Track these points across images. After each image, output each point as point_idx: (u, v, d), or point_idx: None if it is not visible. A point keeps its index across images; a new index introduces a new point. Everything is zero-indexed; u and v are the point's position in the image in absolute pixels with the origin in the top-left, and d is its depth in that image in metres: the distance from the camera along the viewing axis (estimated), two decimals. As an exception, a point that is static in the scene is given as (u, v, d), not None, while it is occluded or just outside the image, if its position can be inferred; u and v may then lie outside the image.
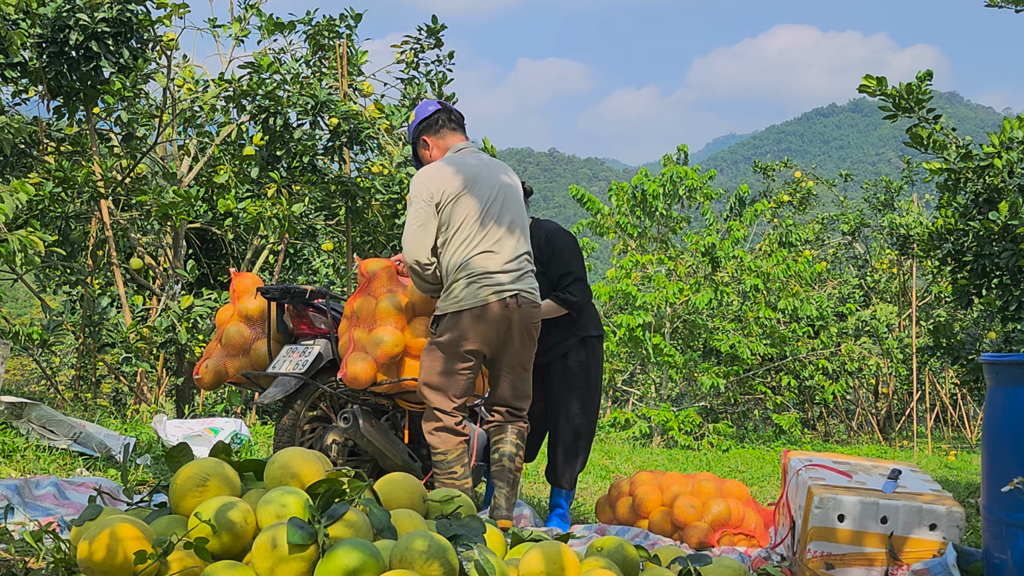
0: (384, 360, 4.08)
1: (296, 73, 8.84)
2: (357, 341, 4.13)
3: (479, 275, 3.86)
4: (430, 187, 3.94)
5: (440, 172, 3.99)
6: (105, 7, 7.47)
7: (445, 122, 4.20)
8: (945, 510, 3.50)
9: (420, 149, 4.24)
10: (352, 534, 2.44)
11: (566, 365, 4.68)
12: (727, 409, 15.06)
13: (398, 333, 4.12)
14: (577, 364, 4.69)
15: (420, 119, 4.21)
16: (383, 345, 4.07)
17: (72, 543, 2.64)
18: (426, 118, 4.19)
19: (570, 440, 4.73)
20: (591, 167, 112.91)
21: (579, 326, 4.70)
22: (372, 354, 4.08)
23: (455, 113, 4.25)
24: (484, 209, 3.93)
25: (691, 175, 12.96)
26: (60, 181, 7.71)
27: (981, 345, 7.13)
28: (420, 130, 4.21)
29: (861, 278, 16.97)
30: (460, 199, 3.92)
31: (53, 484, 3.69)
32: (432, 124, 4.19)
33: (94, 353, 8.88)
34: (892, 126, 6.71)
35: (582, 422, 4.73)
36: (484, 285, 3.86)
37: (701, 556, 2.94)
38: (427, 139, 4.19)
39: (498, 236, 3.93)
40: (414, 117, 4.24)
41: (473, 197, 3.93)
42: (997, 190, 6.33)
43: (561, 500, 4.81)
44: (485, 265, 3.88)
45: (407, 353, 4.16)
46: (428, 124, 4.18)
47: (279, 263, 9.63)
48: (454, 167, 4.01)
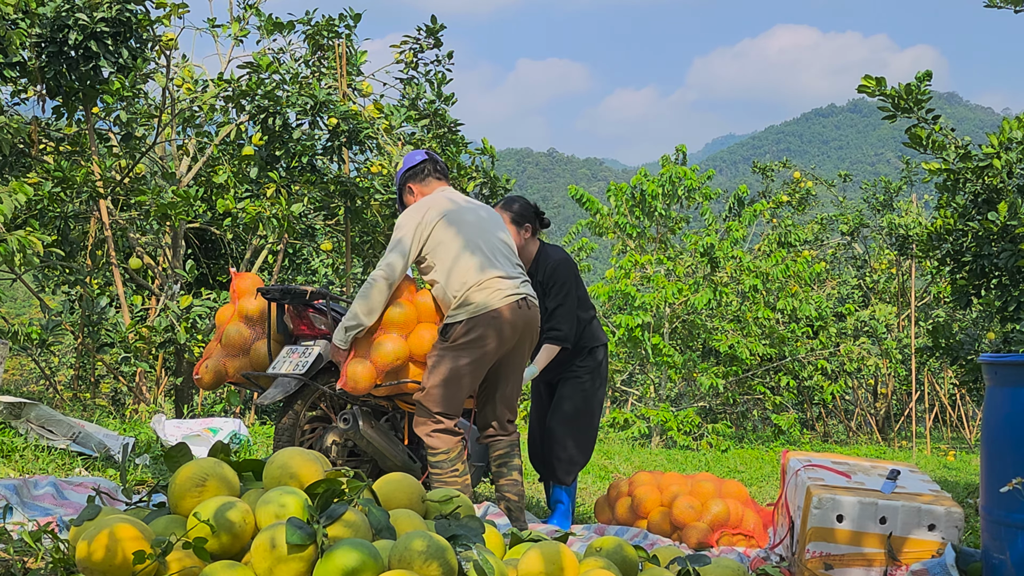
0: (384, 368, 4.07)
1: (295, 73, 8.83)
2: (357, 346, 4.12)
3: (488, 281, 4.09)
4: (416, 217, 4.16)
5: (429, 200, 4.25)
6: (104, 7, 7.47)
7: (431, 171, 4.41)
8: (944, 510, 3.50)
9: (405, 195, 4.43)
10: (351, 534, 2.44)
11: (575, 375, 4.85)
12: (726, 409, 15.06)
13: (401, 341, 4.11)
14: (581, 369, 4.86)
15: (407, 167, 4.40)
16: (384, 353, 4.07)
17: (71, 543, 2.64)
18: (413, 167, 4.39)
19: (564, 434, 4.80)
20: (590, 167, 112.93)
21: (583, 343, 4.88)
22: (372, 360, 4.07)
23: (440, 164, 4.46)
24: (478, 230, 4.20)
25: (690, 175, 12.96)
26: (59, 181, 7.71)
27: (980, 345, 7.13)
28: (407, 177, 4.41)
29: (860, 278, 16.97)
30: (453, 222, 4.16)
31: (52, 484, 3.69)
32: (418, 172, 4.39)
33: (93, 353, 8.88)
34: (891, 126, 6.72)
35: (582, 419, 4.78)
36: (496, 290, 4.09)
37: (700, 556, 2.94)
38: (412, 186, 4.39)
39: (494, 252, 4.20)
40: (402, 165, 4.42)
41: (466, 221, 4.20)
42: (996, 190, 6.33)
43: (563, 496, 4.82)
44: (493, 275, 4.11)
45: (412, 360, 4.19)
46: (414, 172, 4.39)
47: (278, 263, 9.64)
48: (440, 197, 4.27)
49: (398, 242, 4.14)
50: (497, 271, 4.13)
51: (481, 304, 4.06)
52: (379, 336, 4.12)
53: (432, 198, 4.26)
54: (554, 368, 4.82)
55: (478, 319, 4.05)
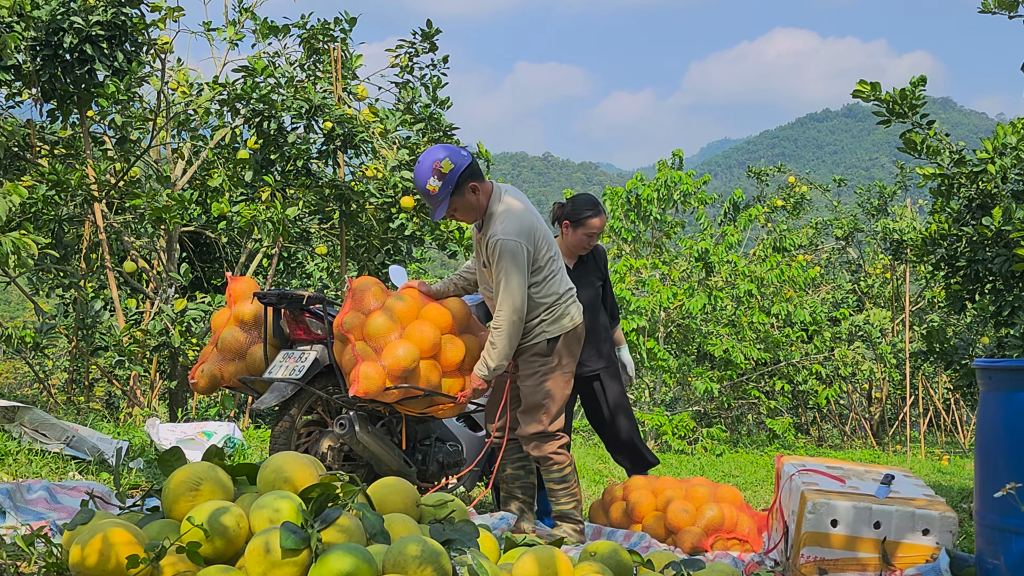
0: (396, 371, 4.05)
1: (290, 77, 8.83)
2: (361, 352, 4.09)
3: (572, 299, 4.30)
4: (534, 233, 4.19)
5: (531, 214, 4.27)
6: (99, 10, 7.46)
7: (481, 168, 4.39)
8: (938, 515, 3.51)
9: (467, 195, 4.19)
10: (345, 539, 2.44)
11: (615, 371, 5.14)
12: (721, 414, 15.06)
13: (412, 346, 4.09)
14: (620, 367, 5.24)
15: (465, 166, 4.16)
16: (397, 357, 4.04)
17: (64, 547, 2.63)
18: (470, 165, 4.19)
19: (632, 422, 5.20)
20: (585, 171, 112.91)
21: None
22: (384, 364, 4.04)
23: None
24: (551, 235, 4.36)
25: (685, 180, 12.98)
26: (53, 184, 7.70)
27: (974, 350, 7.14)
28: (469, 176, 4.17)
29: (855, 283, 17.00)
30: (548, 234, 4.29)
31: (45, 488, 3.68)
32: (476, 171, 4.22)
33: (87, 356, 8.86)
34: (886, 131, 6.74)
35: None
36: (575, 304, 4.30)
37: (694, 561, 2.94)
38: (477, 185, 4.19)
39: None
40: (452, 164, 4.14)
41: (550, 233, 4.35)
42: (990, 195, 6.35)
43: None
44: (572, 292, 4.33)
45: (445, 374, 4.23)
46: (473, 171, 4.20)
47: (273, 267, 9.62)
48: (529, 207, 4.31)
49: (514, 265, 4.10)
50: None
51: (573, 317, 4.26)
52: (391, 341, 4.09)
53: (531, 214, 4.25)
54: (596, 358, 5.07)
55: (571, 334, 4.26)
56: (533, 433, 4.20)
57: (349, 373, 4.08)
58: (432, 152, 4.17)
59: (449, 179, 4.11)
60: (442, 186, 4.10)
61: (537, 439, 4.22)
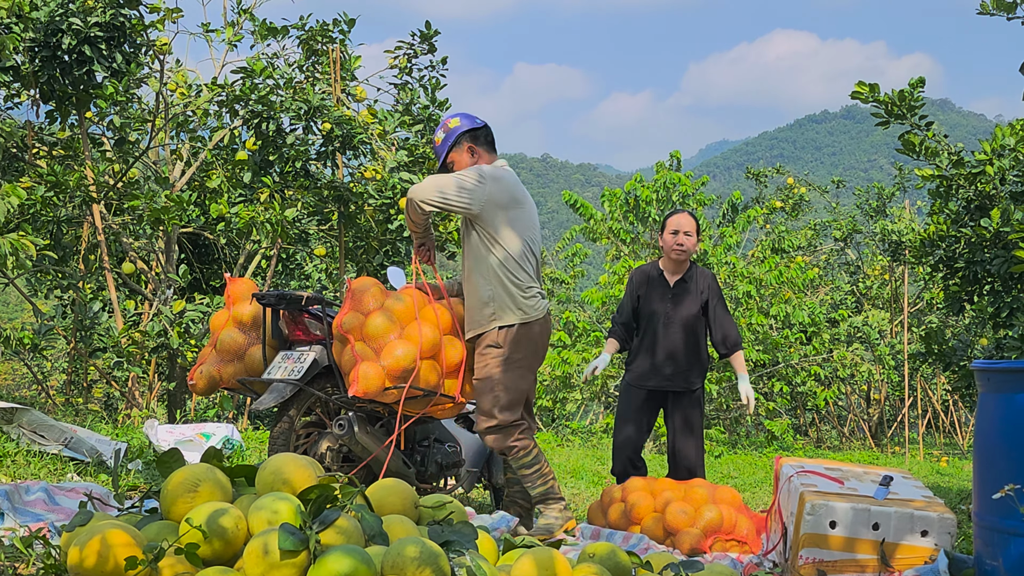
0: (395, 372, 4.05)
1: (289, 78, 8.83)
2: (361, 352, 4.09)
3: (538, 290, 4.27)
4: (493, 187, 4.17)
5: (508, 177, 4.27)
6: (98, 11, 7.46)
7: (491, 140, 4.44)
8: (937, 516, 3.51)
9: (464, 153, 4.37)
10: (344, 540, 2.44)
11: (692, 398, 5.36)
12: (719, 415, 15.06)
13: (411, 346, 4.09)
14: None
15: (472, 126, 4.38)
16: (397, 358, 4.04)
17: (62, 549, 2.63)
18: (478, 127, 4.39)
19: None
20: (584, 173, 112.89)
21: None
22: (384, 363, 4.04)
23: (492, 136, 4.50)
24: (536, 232, 4.34)
25: (684, 181, 12.98)
26: (52, 185, 7.69)
27: (973, 351, 7.14)
28: (470, 138, 4.37)
29: (853, 284, 17.00)
30: (522, 213, 4.25)
31: (43, 489, 3.68)
32: (479, 136, 4.39)
33: (85, 358, 8.85)
34: (884, 133, 6.76)
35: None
36: (542, 299, 4.27)
37: (693, 563, 2.94)
38: (475, 147, 4.37)
39: (536, 260, 4.34)
40: (459, 122, 4.39)
41: (531, 218, 4.31)
42: (989, 197, 6.35)
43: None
44: (536, 282, 4.29)
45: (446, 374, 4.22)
46: (477, 135, 4.39)
47: (271, 268, 9.62)
48: (516, 183, 4.30)
49: (460, 185, 4.11)
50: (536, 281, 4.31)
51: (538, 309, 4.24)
52: (390, 341, 4.09)
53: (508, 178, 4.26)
54: (671, 377, 5.29)
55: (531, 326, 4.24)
56: (488, 427, 4.21)
57: (348, 373, 4.07)
58: (452, 114, 4.48)
59: (451, 134, 4.37)
60: (444, 139, 4.37)
61: (493, 432, 4.21)
